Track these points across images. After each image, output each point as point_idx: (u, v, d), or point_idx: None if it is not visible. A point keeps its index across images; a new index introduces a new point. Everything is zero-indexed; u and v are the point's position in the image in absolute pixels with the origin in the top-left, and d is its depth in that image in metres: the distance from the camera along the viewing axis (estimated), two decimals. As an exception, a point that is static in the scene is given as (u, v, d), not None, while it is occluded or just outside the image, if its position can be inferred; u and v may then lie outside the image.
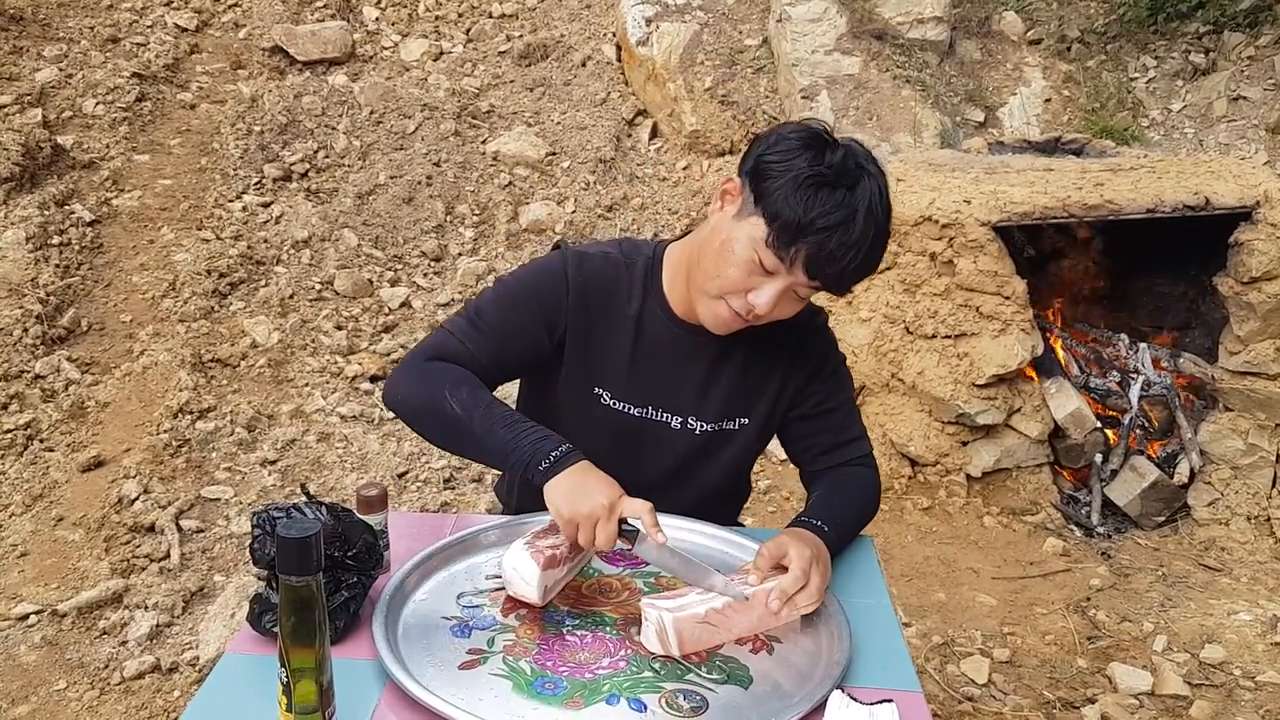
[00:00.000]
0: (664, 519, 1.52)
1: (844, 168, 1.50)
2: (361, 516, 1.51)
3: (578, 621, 1.47)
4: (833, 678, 1.32)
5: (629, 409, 1.73)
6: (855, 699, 1.27)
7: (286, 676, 1.11)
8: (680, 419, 1.74)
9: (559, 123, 5.73)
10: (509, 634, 1.43)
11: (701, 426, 1.75)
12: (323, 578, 1.11)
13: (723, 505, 1.90)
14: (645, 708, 1.28)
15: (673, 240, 1.78)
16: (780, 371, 1.77)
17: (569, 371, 1.72)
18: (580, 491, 1.45)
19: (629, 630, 1.45)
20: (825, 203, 1.47)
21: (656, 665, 1.37)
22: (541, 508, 1.67)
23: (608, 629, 1.45)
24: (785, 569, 1.47)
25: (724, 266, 1.55)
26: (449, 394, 1.57)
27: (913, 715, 1.28)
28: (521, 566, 1.45)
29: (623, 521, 1.46)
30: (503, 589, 1.50)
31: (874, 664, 1.41)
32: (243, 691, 1.33)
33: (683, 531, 1.69)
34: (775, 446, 1.97)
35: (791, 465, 1.91)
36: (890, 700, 1.27)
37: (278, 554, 1.09)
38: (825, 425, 1.81)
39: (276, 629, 1.11)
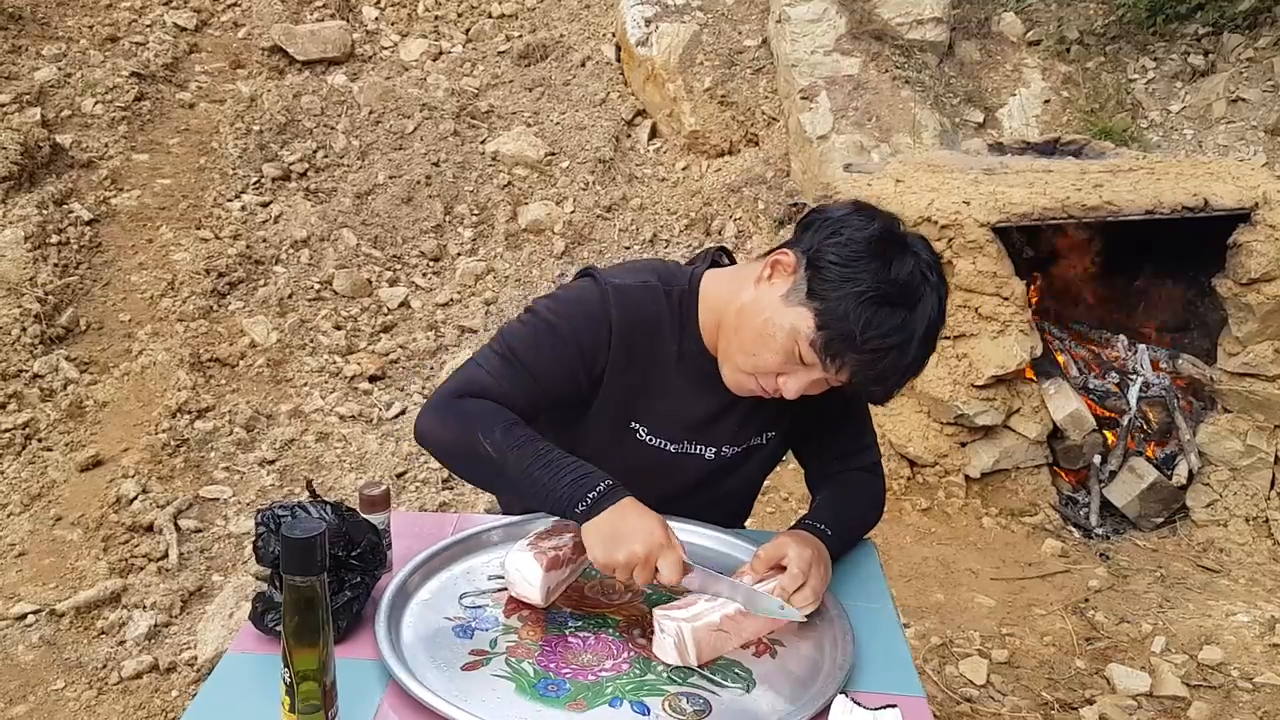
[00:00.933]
0: (676, 523, 1.53)
1: (908, 285, 1.45)
2: (365, 515, 1.51)
3: (581, 623, 1.46)
4: (836, 682, 1.32)
5: (665, 445, 1.69)
6: (859, 704, 1.26)
7: (290, 676, 1.11)
8: (715, 449, 1.72)
9: (558, 123, 5.73)
10: (512, 635, 1.42)
11: (733, 450, 1.73)
12: (326, 578, 1.11)
13: (733, 514, 1.91)
14: (648, 711, 1.28)
15: (707, 265, 1.72)
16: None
17: (604, 406, 1.66)
18: (616, 538, 1.39)
19: (632, 632, 1.44)
20: (884, 325, 1.42)
21: (659, 668, 1.36)
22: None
23: (611, 631, 1.45)
24: (783, 569, 1.47)
25: (761, 349, 1.51)
26: (481, 435, 1.50)
27: None
28: (525, 567, 1.45)
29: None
30: (505, 590, 1.50)
31: (877, 668, 1.41)
32: (245, 691, 1.32)
33: (684, 534, 1.69)
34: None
35: (790, 465, 1.91)
36: (894, 705, 1.26)
37: (282, 554, 1.08)
38: (840, 431, 1.80)
39: (279, 628, 1.11)
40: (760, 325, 1.51)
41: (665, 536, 1.40)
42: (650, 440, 1.68)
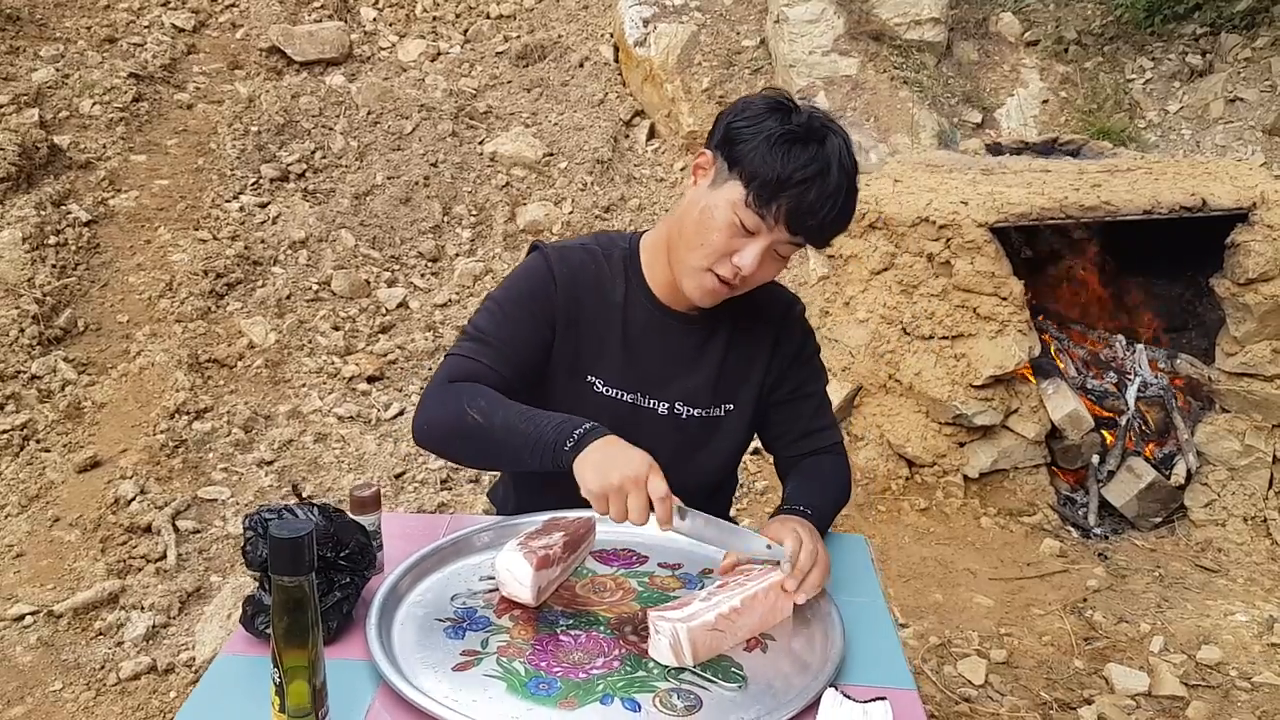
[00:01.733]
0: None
1: (811, 126, 1.56)
2: (355, 517, 1.51)
3: (572, 622, 1.46)
4: (826, 675, 1.32)
5: (621, 395, 1.74)
6: (849, 697, 1.27)
7: (280, 677, 1.11)
8: (667, 404, 1.76)
9: (556, 123, 5.74)
10: (503, 635, 1.42)
11: (688, 412, 1.77)
12: (315, 578, 1.10)
13: (712, 498, 1.91)
14: (639, 707, 1.28)
15: (646, 231, 1.82)
16: (764, 357, 1.81)
17: (559, 361, 1.73)
18: (610, 463, 1.43)
19: (623, 630, 1.44)
20: (799, 158, 1.52)
21: (650, 665, 1.36)
22: (538, 509, 1.69)
23: (602, 629, 1.45)
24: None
25: (706, 234, 1.59)
26: (467, 407, 1.57)
27: (907, 713, 1.28)
28: (515, 567, 1.45)
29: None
30: (497, 590, 1.50)
31: (868, 662, 1.41)
32: (237, 693, 1.32)
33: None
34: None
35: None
36: (884, 698, 1.26)
37: (270, 554, 1.08)
38: (800, 411, 1.85)
39: (269, 631, 1.11)
40: (699, 215, 1.60)
41: (653, 463, 1.45)
42: (606, 391, 1.74)
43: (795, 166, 1.52)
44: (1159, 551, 3.76)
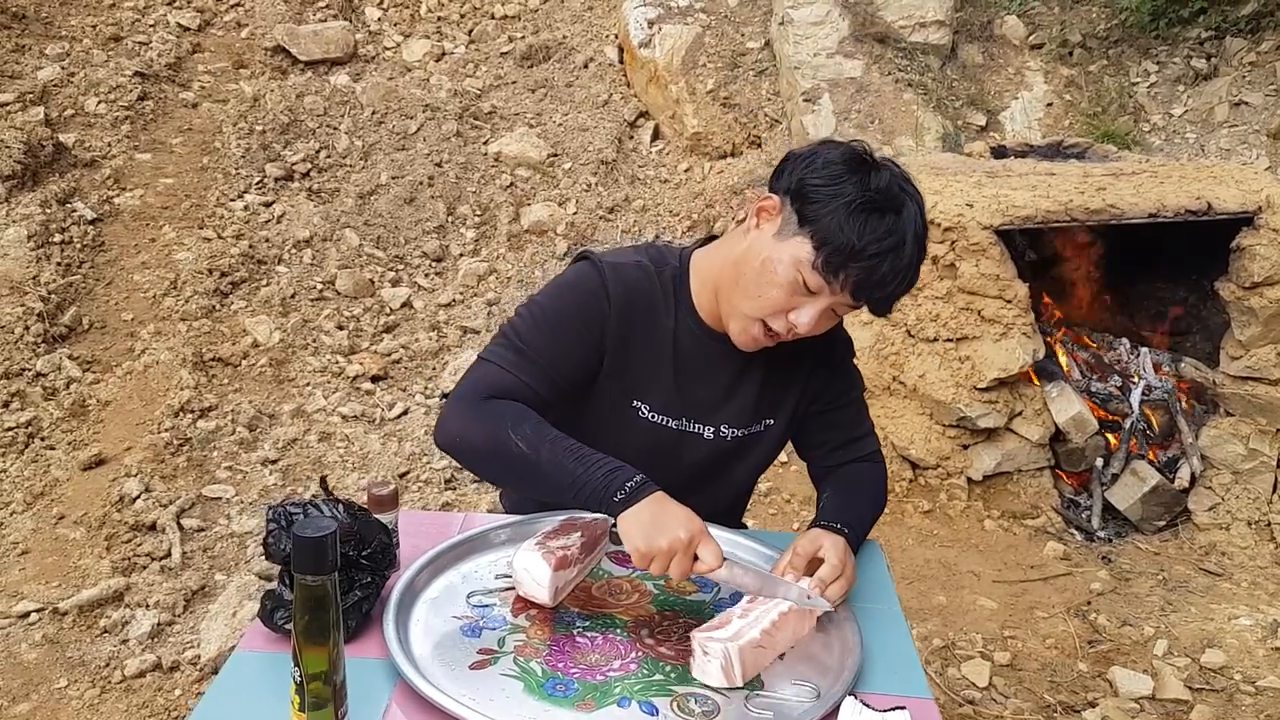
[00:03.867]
0: None
1: (890, 192, 1.50)
2: (374, 515, 1.51)
3: (588, 623, 1.46)
4: (845, 684, 1.32)
5: (667, 421, 1.70)
6: (868, 705, 1.27)
7: (300, 676, 1.11)
8: (713, 429, 1.73)
9: (561, 124, 5.74)
10: (520, 634, 1.42)
11: (733, 433, 1.75)
12: (337, 577, 1.11)
13: (732, 506, 1.91)
14: (656, 711, 1.28)
15: (696, 246, 1.76)
16: (803, 369, 1.77)
17: (606, 385, 1.68)
18: (658, 526, 1.40)
19: (640, 633, 1.45)
20: (876, 229, 1.47)
21: (667, 668, 1.36)
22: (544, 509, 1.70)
23: (618, 631, 1.45)
24: (819, 561, 1.50)
25: (765, 287, 1.54)
26: (512, 432, 1.50)
27: (924, 720, 1.28)
28: (533, 567, 1.45)
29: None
30: (513, 589, 1.50)
31: (885, 670, 1.41)
32: (254, 689, 1.32)
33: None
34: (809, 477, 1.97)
35: (792, 468, 1.92)
36: (903, 708, 1.26)
37: (294, 552, 1.08)
38: (839, 421, 1.82)
39: (288, 626, 1.11)
40: (760, 266, 1.55)
41: (703, 525, 1.43)
42: (652, 417, 1.70)
43: (871, 239, 1.47)
44: (1163, 555, 3.76)
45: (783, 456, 3.53)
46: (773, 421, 1.78)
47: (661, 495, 1.45)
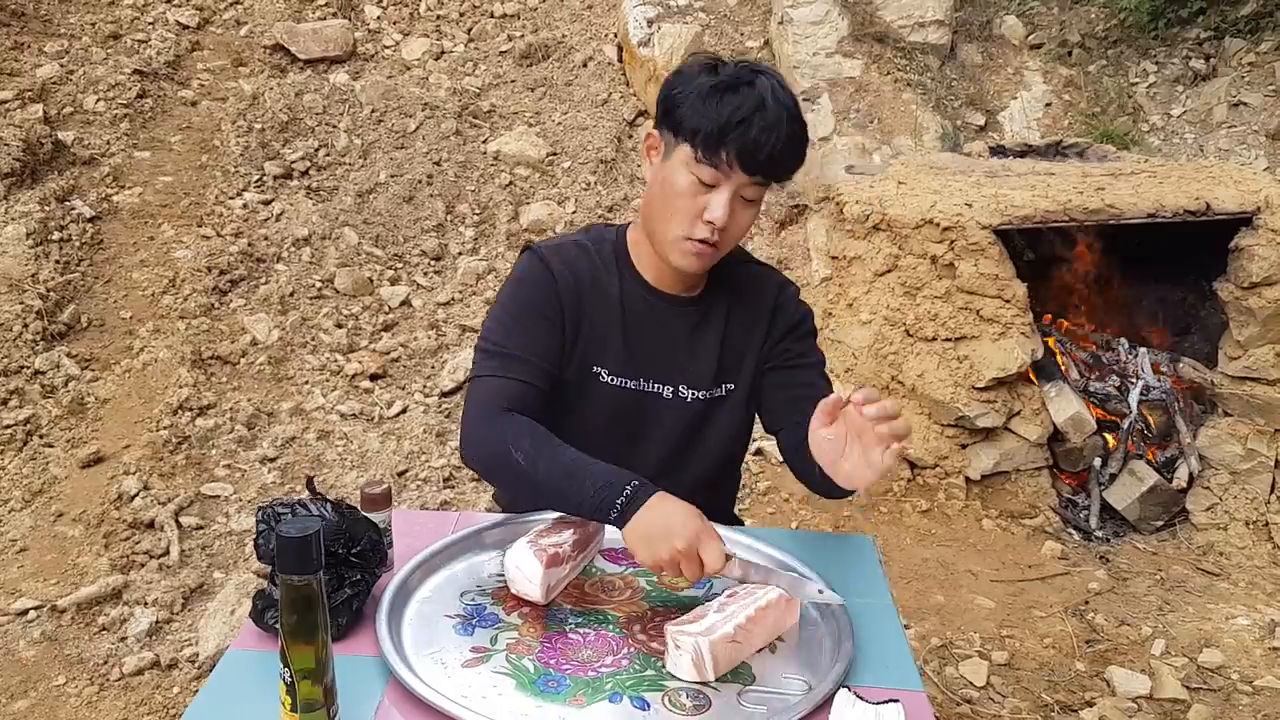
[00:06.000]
0: None
1: (738, 73, 1.63)
2: (366, 514, 1.51)
3: (581, 620, 1.47)
4: (836, 677, 1.32)
5: (625, 383, 1.77)
6: (861, 698, 1.27)
7: (290, 676, 1.11)
8: (671, 388, 1.79)
9: (560, 123, 5.74)
10: (512, 632, 1.43)
11: (693, 394, 1.80)
12: (325, 575, 1.11)
13: (715, 492, 1.92)
14: (648, 706, 1.28)
15: (631, 223, 1.87)
16: (760, 334, 1.84)
17: (569, 358, 1.76)
18: (659, 536, 1.43)
19: (632, 629, 1.45)
20: (733, 102, 1.59)
21: (659, 664, 1.37)
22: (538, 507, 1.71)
23: (611, 627, 1.45)
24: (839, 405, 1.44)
25: (672, 202, 1.65)
26: (512, 447, 1.57)
27: (916, 715, 1.28)
28: (525, 565, 1.46)
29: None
30: (506, 587, 1.50)
31: (876, 663, 1.41)
32: (247, 688, 1.33)
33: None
34: (774, 446, 1.98)
35: (793, 471, 1.88)
36: (896, 700, 1.27)
37: (277, 553, 1.08)
38: (800, 379, 1.84)
39: (279, 625, 1.11)
40: (661, 188, 1.68)
41: (702, 524, 1.45)
42: (612, 380, 1.77)
43: (730, 109, 1.58)
44: (1160, 555, 3.77)
45: (778, 455, 3.54)
46: (733, 386, 1.83)
47: (657, 499, 1.48)
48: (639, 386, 1.78)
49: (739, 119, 1.57)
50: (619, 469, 1.53)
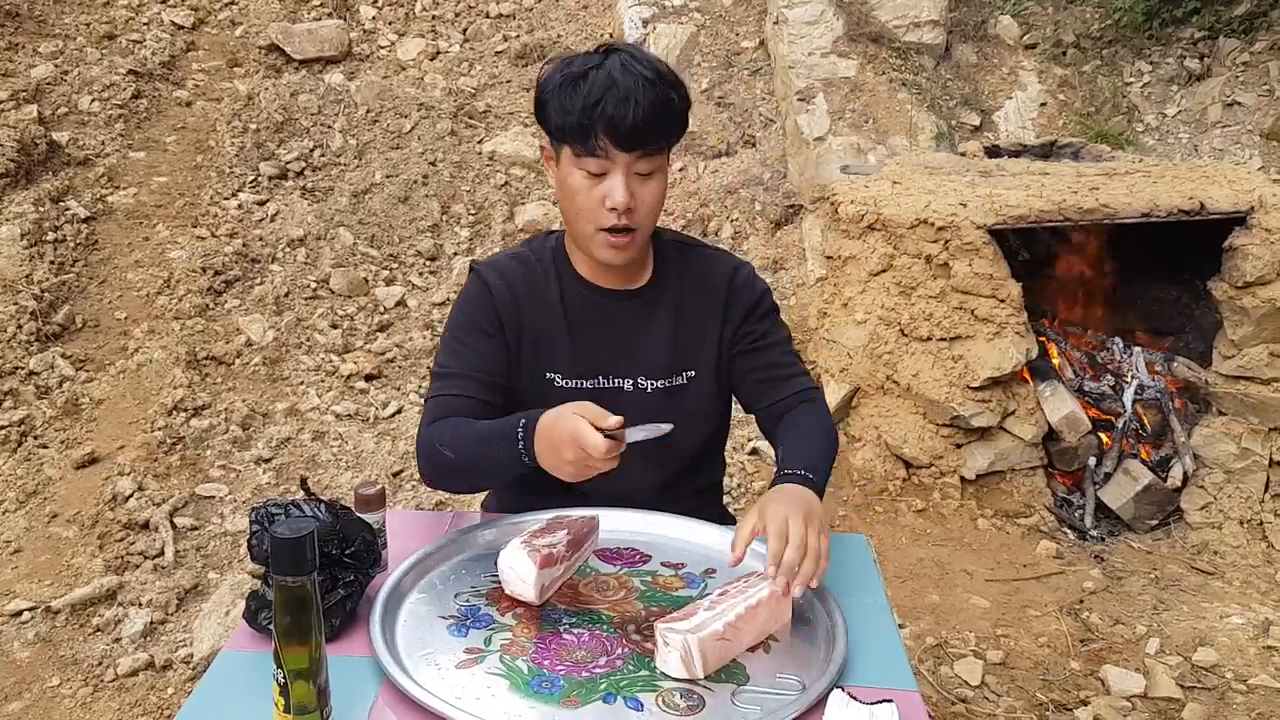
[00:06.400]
0: (669, 519, 1.67)
1: (588, 60, 1.64)
2: (360, 515, 1.51)
3: (575, 620, 1.47)
4: (830, 676, 1.32)
5: (581, 384, 1.79)
6: (855, 698, 1.27)
7: (283, 677, 1.11)
8: (630, 380, 1.80)
9: (555, 123, 5.73)
10: (506, 632, 1.43)
11: (652, 384, 1.81)
12: (319, 576, 1.10)
13: (700, 476, 1.93)
14: (642, 706, 1.28)
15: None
16: (715, 322, 1.84)
17: (520, 368, 1.80)
18: (555, 464, 1.52)
19: (626, 629, 1.45)
20: (584, 88, 1.60)
21: (653, 664, 1.37)
22: (529, 508, 1.74)
23: (605, 627, 1.45)
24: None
25: (574, 199, 1.67)
26: (439, 445, 1.67)
27: (910, 715, 1.28)
28: (519, 565, 1.46)
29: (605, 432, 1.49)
30: (500, 587, 1.50)
31: (870, 663, 1.41)
32: (240, 688, 1.32)
33: (678, 529, 1.71)
34: (770, 446, 1.98)
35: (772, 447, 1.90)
36: (890, 700, 1.27)
37: (271, 554, 1.08)
38: (767, 360, 1.86)
39: (272, 626, 1.11)
40: (561, 192, 1.71)
41: (575, 430, 1.47)
42: (567, 384, 1.79)
43: (582, 96, 1.59)
44: (1155, 554, 3.77)
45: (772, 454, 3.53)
46: (694, 373, 1.83)
47: (540, 428, 1.54)
48: (596, 384, 1.79)
49: (594, 101, 1.59)
50: (510, 417, 1.61)
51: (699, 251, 1.89)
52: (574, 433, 1.47)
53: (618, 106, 1.58)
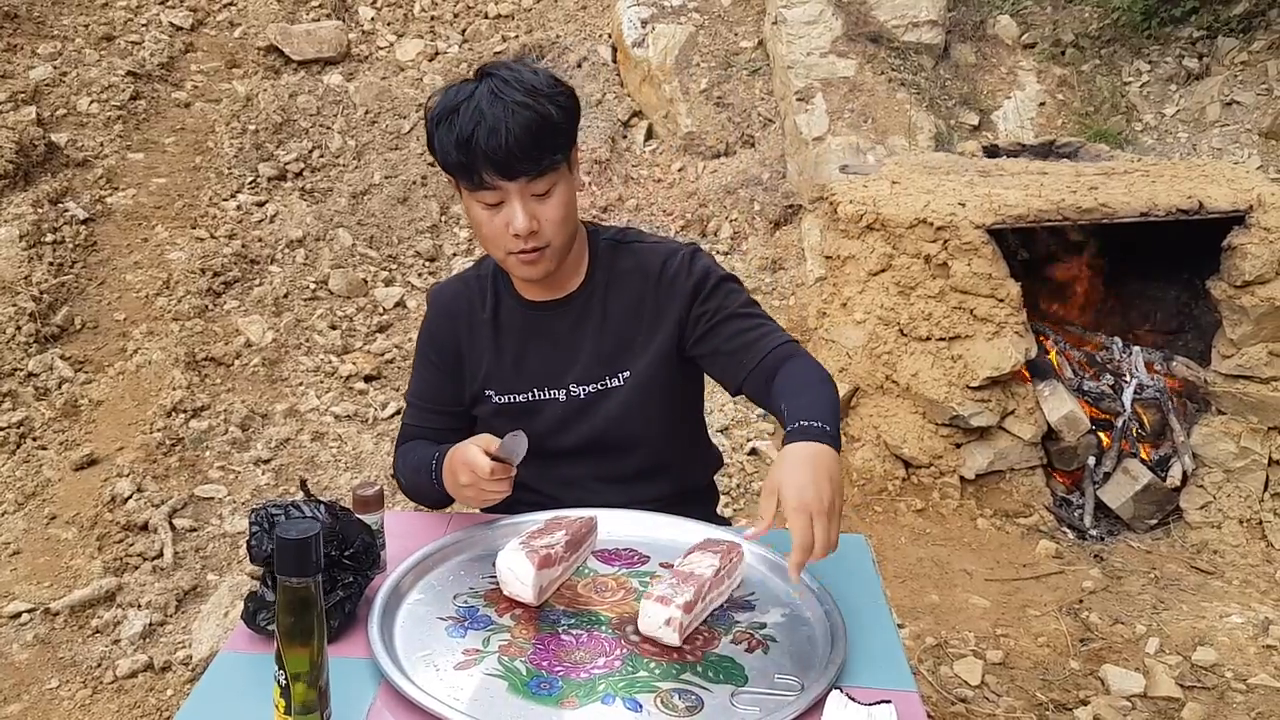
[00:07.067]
0: (667, 520, 1.70)
1: (460, 91, 1.62)
2: (358, 515, 1.51)
3: (573, 621, 1.47)
4: (829, 677, 1.32)
5: (514, 398, 1.83)
6: (853, 699, 1.27)
7: (285, 679, 1.11)
8: (562, 389, 1.82)
9: (554, 123, 5.73)
10: (504, 634, 1.43)
11: (584, 390, 1.81)
12: (321, 578, 1.10)
13: (672, 481, 1.89)
14: (641, 707, 1.28)
15: None
16: (648, 317, 1.80)
17: (465, 389, 1.87)
18: (455, 489, 1.68)
19: (624, 630, 1.45)
20: (456, 125, 1.59)
21: (651, 665, 1.37)
22: (523, 510, 1.76)
23: (603, 628, 1.45)
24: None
25: (479, 229, 1.70)
26: (397, 474, 1.90)
27: (909, 716, 1.28)
28: (517, 566, 1.46)
29: (497, 459, 1.59)
30: (498, 588, 1.50)
31: (869, 664, 1.41)
32: (238, 690, 1.32)
33: (668, 529, 1.72)
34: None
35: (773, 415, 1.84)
36: (889, 701, 1.26)
37: (276, 555, 1.08)
38: (728, 331, 1.76)
39: (271, 627, 1.11)
40: (471, 223, 1.75)
41: (465, 458, 1.60)
42: (501, 400, 1.84)
43: (455, 134, 1.58)
44: (1154, 553, 3.77)
45: (772, 455, 3.54)
46: (628, 373, 1.80)
47: (449, 454, 1.67)
48: (529, 398, 1.82)
49: (465, 137, 1.57)
50: (438, 448, 1.75)
51: (631, 247, 1.84)
52: (464, 459, 1.60)
53: (489, 138, 1.56)
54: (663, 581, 1.44)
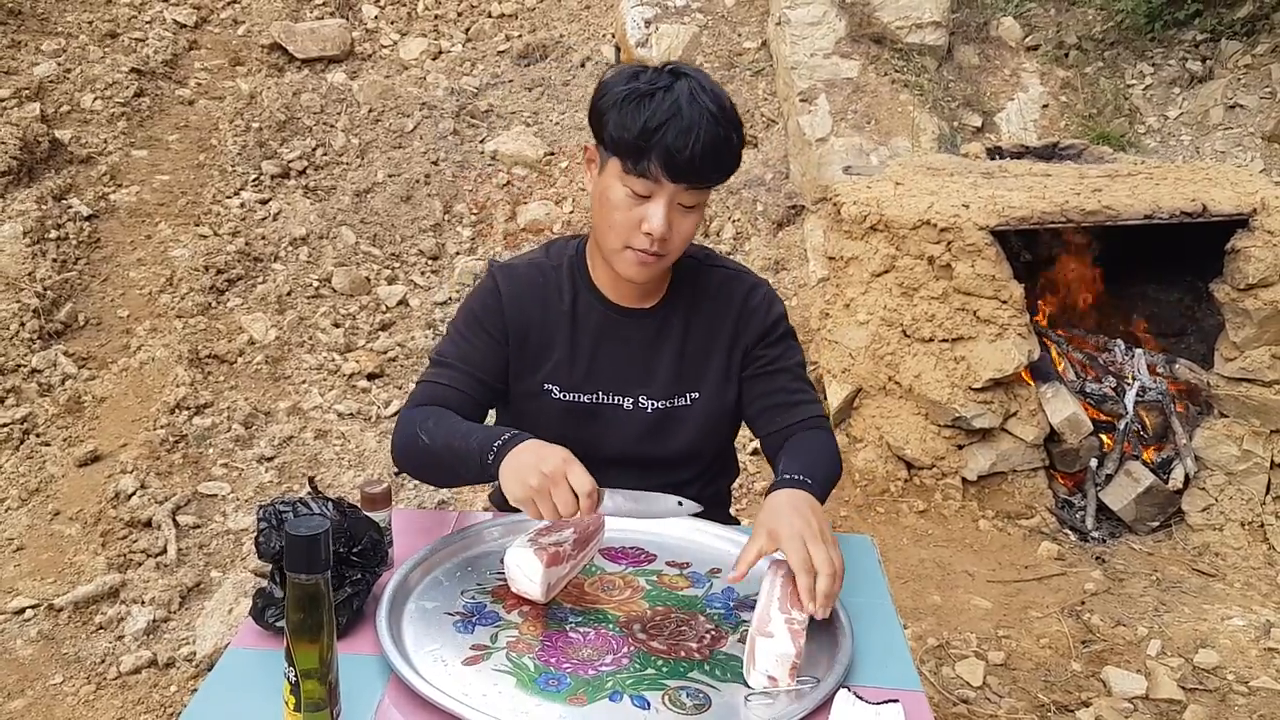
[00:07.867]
0: (674, 519, 1.66)
1: (656, 79, 1.60)
2: (366, 513, 1.51)
3: (581, 618, 1.47)
4: (836, 676, 1.33)
5: (579, 397, 1.78)
6: (861, 698, 1.27)
7: (294, 675, 1.11)
8: (631, 399, 1.79)
9: (557, 123, 5.74)
10: (512, 630, 1.43)
11: (653, 404, 1.80)
12: (330, 575, 1.11)
13: (705, 487, 1.91)
14: (648, 705, 1.28)
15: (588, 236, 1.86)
16: (724, 344, 1.82)
17: (518, 376, 1.79)
18: (526, 467, 1.46)
19: (632, 628, 1.45)
20: (648, 108, 1.56)
21: (659, 663, 1.37)
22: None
23: (610, 626, 1.45)
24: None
25: (610, 215, 1.64)
26: (419, 430, 1.65)
27: (915, 716, 1.29)
28: (525, 563, 1.46)
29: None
30: (506, 585, 1.50)
31: (875, 663, 1.41)
32: (246, 686, 1.32)
33: (682, 529, 1.72)
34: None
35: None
36: (896, 700, 1.27)
37: (286, 551, 1.08)
38: (777, 384, 1.83)
39: (280, 624, 1.11)
40: (599, 202, 1.67)
41: (568, 457, 1.47)
42: (564, 396, 1.78)
43: (648, 117, 1.55)
44: (1156, 555, 3.77)
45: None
46: (697, 395, 1.81)
47: (529, 442, 1.52)
48: (594, 399, 1.79)
49: (655, 125, 1.55)
50: (503, 427, 1.61)
51: (718, 271, 1.86)
52: (567, 459, 1.46)
53: (678, 137, 1.55)
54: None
